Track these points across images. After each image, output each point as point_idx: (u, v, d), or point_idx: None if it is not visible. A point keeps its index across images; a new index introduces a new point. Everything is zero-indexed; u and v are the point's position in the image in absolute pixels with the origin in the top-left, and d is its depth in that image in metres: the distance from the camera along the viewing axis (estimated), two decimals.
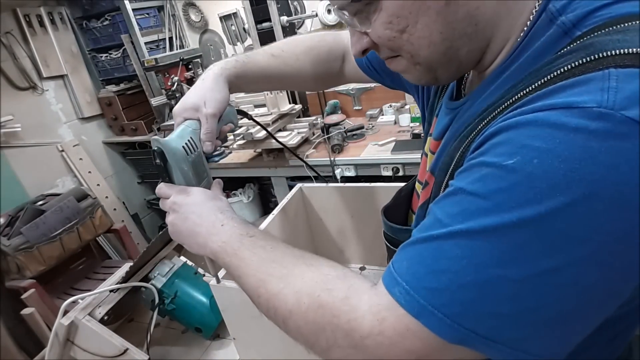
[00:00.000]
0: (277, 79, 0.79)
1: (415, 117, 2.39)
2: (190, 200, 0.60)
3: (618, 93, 0.30)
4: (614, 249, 0.31)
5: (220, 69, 0.71)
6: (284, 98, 2.33)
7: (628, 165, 0.29)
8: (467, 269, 0.34)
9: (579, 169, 0.30)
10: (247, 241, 0.53)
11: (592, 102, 0.30)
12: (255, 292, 0.50)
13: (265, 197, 2.93)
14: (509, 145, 0.33)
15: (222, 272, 0.81)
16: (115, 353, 0.87)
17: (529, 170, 0.31)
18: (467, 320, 0.34)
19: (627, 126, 0.29)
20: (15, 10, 2.63)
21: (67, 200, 2.23)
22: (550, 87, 0.34)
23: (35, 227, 2.05)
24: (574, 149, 0.30)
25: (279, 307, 0.46)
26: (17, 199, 2.42)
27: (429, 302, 0.35)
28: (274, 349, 0.84)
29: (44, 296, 1.95)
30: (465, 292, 0.34)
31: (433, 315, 0.35)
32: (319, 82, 0.85)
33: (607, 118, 0.30)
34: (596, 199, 0.30)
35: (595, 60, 0.32)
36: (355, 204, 1.07)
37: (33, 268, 2.02)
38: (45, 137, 2.81)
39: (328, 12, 2.56)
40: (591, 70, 0.32)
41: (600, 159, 0.30)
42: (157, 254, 1.06)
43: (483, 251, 0.34)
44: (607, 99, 0.30)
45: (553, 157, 0.31)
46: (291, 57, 0.78)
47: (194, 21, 3.06)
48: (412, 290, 0.36)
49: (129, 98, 3.12)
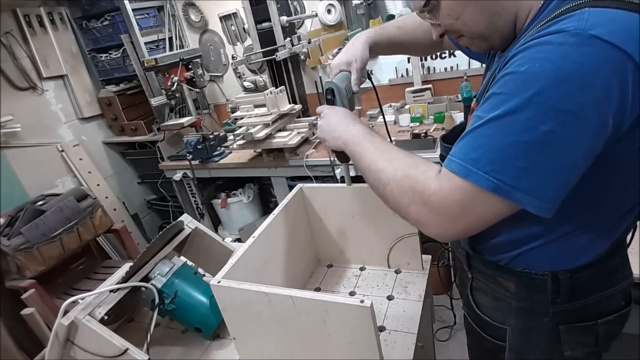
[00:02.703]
0: (400, 46, 1.04)
1: (415, 117, 2.40)
2: (335, 111, 0.86)
3: (588, 21, 0.50)
4: (586, 116, 0.50)
5: (366, 37, 0.98)
6: (284, 98, 2.33)
7: (591, 62, 0.49)
8: (495, 140, 0.54)
9: (561, 66, 0.49)
10: (369, 137, 0.76)
11: (571, 27, 0.50)
12: (367, 168, 0.72)
13: (265, 197, 2.93)
14: (522, 59, 0.53)
15: (222, 273, 0.81)
16: (115, 353, 0.87)
17: (533, 71, 0.51)
18: (498, 174, 0.53)
19: (591, 40, 0.49)
20: (15, 10, 2.63)
21: (67, 200, 2.23)
22: (550, 22, 0.54)
23: (35, 227, 2.05)
24: (558, 54, 0.50)
25: (382, 177, 0.67)
26: (17, 199, 2.42)
27: (473, 165, 0.55)
28: (274, 349, 0.84)
29: (44, 296, 1.95)
30: (495, 155, 0.53)
31: (475, 173, 0.55)
32: (427, 49, 1.08)
33: (579, 35, 0.49)
34: (572, 84, 0.49)
35: (578, 4, 0.53)
36: (355, 204, 1.07)
37: (33, 268, 2.02)
38: (45, 137, 2.81)
39: (328, 12, 2.56)
40: (574, 10, 0.53)
41: (574, 59, 0.49)
42: (157, 254, 1.06)
43: (506, 126, 0.53)
44: (581, 24, 0.50)
45: (547, 61, 0.50)
46: (410, 29, 1.02)
47: (193, 21, 3.06)
48: (461, 162, 0.56)
49: (128, 98, 3.12)
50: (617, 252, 0.72)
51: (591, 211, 0.65)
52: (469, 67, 2.36)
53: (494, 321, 0.82)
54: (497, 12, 0.62)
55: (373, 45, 0.98)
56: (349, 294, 1.08)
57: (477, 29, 0.64)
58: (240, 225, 2.76)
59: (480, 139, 0.55)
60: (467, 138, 0.57)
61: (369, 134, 0.77)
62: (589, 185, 0.59)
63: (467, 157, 0.56)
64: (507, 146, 0.52)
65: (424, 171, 0.62)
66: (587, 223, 0.66)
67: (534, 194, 0.53)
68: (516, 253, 0.72)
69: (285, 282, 1.03)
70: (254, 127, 2.23)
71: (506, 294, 0.77)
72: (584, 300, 0.71)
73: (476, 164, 0.54)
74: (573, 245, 0.68)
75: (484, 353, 0.91)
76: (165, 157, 2.86)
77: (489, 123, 0.54)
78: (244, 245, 0.90)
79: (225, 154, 2.61)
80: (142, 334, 0.96)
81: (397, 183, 0.64)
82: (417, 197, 0.61)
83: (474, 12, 0.62)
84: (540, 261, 0.70)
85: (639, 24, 0.50)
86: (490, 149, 0.54)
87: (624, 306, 0.75)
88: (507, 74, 0.54)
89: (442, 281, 2.24)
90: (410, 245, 1.07)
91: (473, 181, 0.55)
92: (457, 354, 1.94)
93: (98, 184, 2.97)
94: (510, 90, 0.53)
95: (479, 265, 0.81)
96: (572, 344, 0.74)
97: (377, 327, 0.70)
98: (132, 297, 0.99)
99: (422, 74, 2.51)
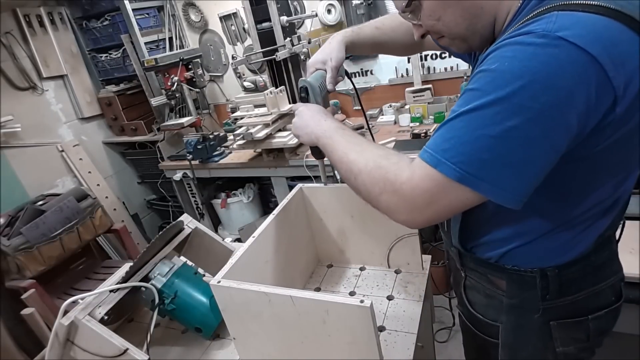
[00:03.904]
0: (378, 46, 1.05)
1: (415, 117, 2.39)
2: (308, 107, 0.89)
3: (555, 23, 0.52)
4: (549, 114, 0.52)
5: (342, 37, 0.99)
6: (284, 98, 2.32)
7: (556, 62, 0.50)
8: (464, 132, 0.56)
9: (528, 65, 0.51)
10: (340, 131, 0.78)
11: (540, 29, 0.52)
12: (339, 160, 0.73)
13: (265, 197, 2.93)
14: (494, 57, 0.55)
15: (222, 273, 0.81)
16: (115, 353, 0.87)
17: (502, 69, 0.53)
18: (464, 165, 0.55)
19: (557, 41, 0.50)
20: (15, 11, 2.63)
21: (67, 200, 2.23)
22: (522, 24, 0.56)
23: (35, 227, 2.05)
24: (526, 54, 0.52)
25: (354, 168, 0.69)
26: (17, 199, 2.42)
27: (442, 156, 0.57)
28: (274, 349, 0.84)
29: (44, 296, 1.95)
30: (464, 147, 0.56)
31: (444, 163, 0.57)
32: (407, 49, 1.10)
33: (547, 37, 0.51)
34: (537, 83, 0.51)
35: (548, 8, 0.55)
36: (355, 204, 1.07)
37: (33, 268, 2.02)
38: (45, 137, 2.81)
39: (328, 12, 2.56)
40: (545, 13, 0.54)
41: (540, 59, 0.51)
42: (157, 254, 1.06)
43: (474, 120, 0.55)
44: (548, 27, 0.52)
45: (515, 60, 0.53)
46: (389, 29, 1.03)
47: (193, 21, 3.06)
48: (432, 152, 0.59)
49: (128, 98, 3.12)
50: (604, 248, 0.73)
51: (572, 208, 0.66)
52: (469, 67, 2.36)
53: (486, 319, 0.83)
54: (476, 14, 0.64)
55: (349, 44, 1.00)
56: (349, 294, 1.08)
57: (457, 30, 0.66)
58: (240, 225, 2.76)
59: (451, 130, 0.58)
60: (441, 130, 0.60)
61: (341, 128, 0.79)
62: (567, 182, 0.62)
63: (438, 147, 0.58)
64: (474, 139, 0.55)
65: (396, 162, 0.64)
66: (569, 219, 0.67)
67: (497, 185, 0.55)
68: (505, 250, 0.73)
69: (285, 282, 1.03)
70: (254, 127, 2.23)
71: (497, 291, 0.79)
72: (574, 297, 0.72)
73: (445, 155, 0.57)
74: (558, 241, 0.69)
75: (477, 350, 0.94)
76: (165, 157, 2.86)
77: (460, 116, 0.57)
78: (244, 245, 0.90)
79: (225, 154, 2.61)
80: (142, 334, 0.96)
81: (369, 173, 0.66)
82: (388, 186, 0.63)
83: (455, 14, 0.64)
84: (528, 258, 0.72)
85: (605, 27, 0.51)
86: (460, 140, 0.56)
87: (614, 302, 0.76)
88: (480, 71, 0.57)
89: (442, 281, 2.24)
90: (410, 245, 1.07)
91: (441, 171, 0.57)
92: (457, 354, 1.94)
93: (98, 184, 2.97)
94: (482, 86, 0.55)
95: (470, 264, 0.83)
96: (563, 340, 0.75)
97: (377, 327, 0.70)
98: (132, 297, 0.99)
99: (422, 74, 2.51)
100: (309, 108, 0.88)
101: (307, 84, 0.93)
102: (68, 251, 2.19)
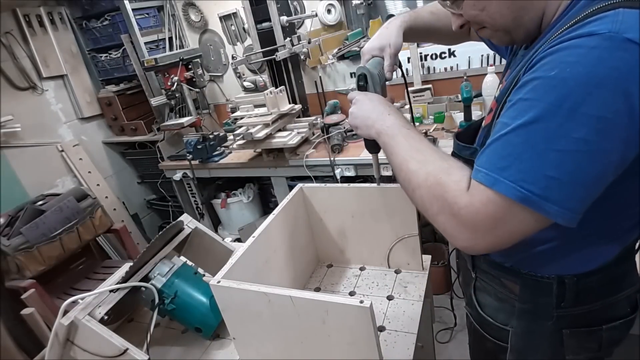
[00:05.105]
0: (431, 32, 1.00)
1: (415, 117, 2.39)
2: (369, 97, 0.82)
3: (622, 24, 0.47)
4: (621, 123, 0.47)
5: (400, 21, 0.93)
6: (284, 98, 2.32)
7: (625, 67, 0.46)
8: (525, 148, 0.51)
9: (594, 71, 0.47)
10: (404, 131, 0.71)
11: (605, 30, 0.48)
12: (399, 167, 0.68)
13: (265, 197, 2.93)
14: (552, 63, 0.50)
15: (222, 273, 0.81)
16: (115, 353, 0.87)
17: (563, 76, 0.49)
18: (526, 183, 0.51)
19: (626, 44, 0.46)
20: (15, 10, 2.63)
21: (67, 200, 2.22)
22: (580, 23, 0.51)
23: (35, 227, 2.05)
24: (591, 59, 0.47)
25: (413, 180, 0.65)
26: (17, 199, 2.42)
27: (499, 175, 0.52)
28: (274, 349, 0.84)
29: (44, 296, 1.95)
30: (525, 164, 0.51)
31: (502, 182, 0.52)
32: (456, 38, 1.05)
33: (613, 39, 0.47)
34: (606, 90, 0.47)
35: (610, 4, 0.50)
36: (355, 204, 1.07)
37: (33, 268, 2.02)
38: (45, 137, 2.81)
39: (328, 12, 2.56)
40: (607, 10, 0.50)
41: (608, 64, 0.47)
42: (157, 254, 1.06)
43: (535, 133, 0.50)
44: (615, 27, 0.47)
45: (579, 65, 0.48)
46: (443, 15, 0.97)
47: (193, 21, 3.06)
48: (488, 172, 0.54)
49: (128, 98, 3.12)
50: (626, 259, 0.70)
51: (607, 220, 0.63)
52: (469, 67, 2.36)
53: (496, 322, 0.81)
54: (524, 7, 0.60)
55: (408, 30, 0.93)
56: (349, 294, 1.08)
57: (502, 21, 0.62)
58: (240, 225, 2.76)
59: (507, 147, 0.53)
60: (494, 146, 0.55)
61: (405, 127, 0.72)
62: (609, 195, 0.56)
63: (493, 166, 0.54)
64: (537, 155, 0.50)
65: (457, 181, 0.59)
66: (599, 230, 0.65)
67: (564, 205, 0.50)
68: (523, 256, 0.71)
69: (285, 282, 1.03)
70: (254, 127, 2.23)
71: (510, 295, 0.76)
72: (590, 306, 0.70)
73: (503, 173, 0.52)
74: (582, 251, 0.67)
75: (485, 353, 0.91)
76: (165, 157, 2.86)
77: (517, 130, 0.52)
78: (244, 245, 0.90)
79: (225, 154, 2.61)
80: (142, 334, 0.95)
81: (428, 189, 0.61)
82: (446, 207, 0.58)
83: (501, 5, 0.61)
84: (547, 265, 0.69)
85: None
86: (519, 157, 0.51)
87: (630, 313, 0.74)
88: (534, 78, 0.52)
89: (442, 282, 2.24)
90: (410, 245, 1.07)
91: (499, 191, 0.52)
92: (458, 354, 1.94)
93: (98, 184, 2.97)
94: (539, 96, 0.51)
95: (483, 266, 0.81)
96: (574, 349, 0.73)
97: (377, 327, 0.70)
98: (132, 297, 0.99)
99: (422, 74, 2.51)
100: (370, 98, 0.81)
101: (366, 71, 0.85)
102: (68, 251, 2.19)
